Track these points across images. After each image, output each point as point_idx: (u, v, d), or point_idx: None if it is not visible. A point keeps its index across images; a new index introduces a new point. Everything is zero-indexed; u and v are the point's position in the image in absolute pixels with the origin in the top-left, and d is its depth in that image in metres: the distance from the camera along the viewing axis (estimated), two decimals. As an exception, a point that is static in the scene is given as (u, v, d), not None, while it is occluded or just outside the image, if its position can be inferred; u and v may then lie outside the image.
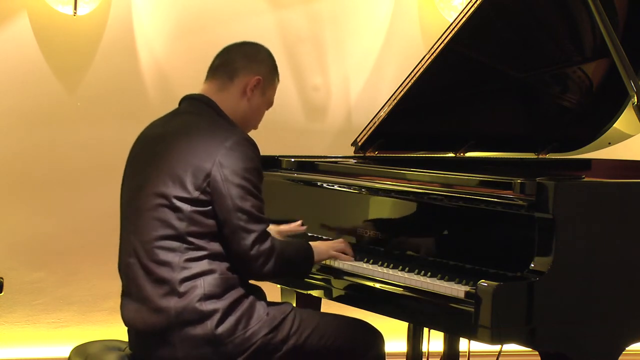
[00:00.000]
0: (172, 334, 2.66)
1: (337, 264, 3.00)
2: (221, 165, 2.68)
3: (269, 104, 2.98)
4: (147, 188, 2.74)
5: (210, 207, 2.69)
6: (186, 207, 2.68)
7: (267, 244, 2.70)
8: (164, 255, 2.68)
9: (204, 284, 2.66)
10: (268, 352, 2.71)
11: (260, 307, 2.74)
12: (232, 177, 2.68)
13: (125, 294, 2.81)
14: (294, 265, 2.86)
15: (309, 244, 2.93)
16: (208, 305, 2.65)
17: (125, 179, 2.89)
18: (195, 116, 2.85)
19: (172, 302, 2.66)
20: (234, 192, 2.67)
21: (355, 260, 3.00)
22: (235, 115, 2.87)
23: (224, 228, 2.69)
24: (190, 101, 2.90)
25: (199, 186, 2.68)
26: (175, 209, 2.68)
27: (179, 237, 2.68)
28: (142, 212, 2.73)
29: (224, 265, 2.70)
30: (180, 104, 2.94)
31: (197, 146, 2.73)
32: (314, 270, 3.02)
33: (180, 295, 2.65)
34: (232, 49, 2.97)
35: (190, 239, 2.68)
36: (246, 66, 2.90)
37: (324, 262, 3.01)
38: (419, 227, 2.97)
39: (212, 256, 2.69)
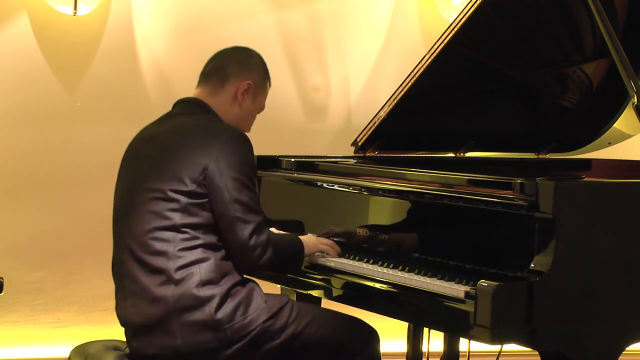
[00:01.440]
0: (171, 322, 2.67)
1: (333, 264, 2.99)
2: (218, 159, 2.73)
3: (261, 108, 3.04)
4: (141, 184, 2.78)
5: (206, 200, 2.72)
6: (182, 198, 2.71)
7: (264, 235, 2.74)
8: (159, 246, 2.70)
9: (200, 271, 2.68)
10: (267, 338, 2.73)
11: (258, 295, 2.77)
12: (229, 170, 2.72)
13: (119, 290, 2.82)
14: (287, 258, 2.90)
15: (299, 238, 2.97)
16: (206, 291, 2.67)
17: (119, 180, 2.92)
18: (189, 116, 2.90)
19: (169, 291, 2.67)
20: (230, 185, 2.71)
21: (355, 260, 3.01)
22: (227, 120, 2.92)
23: (220, 221, 2.72)
24: (184, 104, 2.95)
25: (196, 179, 2.72)
26: (170, 200, 2.72)
27: (173, 227, 2.71)
28: (136, 208, 2.76)
29: (218, 254, 2.73)
30: (173, 107, 2.98)
31: (193, 143, 2.77)
32: (313, 269, 3.03)
33: (177, 283, 2.68)
34: (224, 54, 3.03)
35: (185, 229, 2.71)
36: (238, 71, 2.95)
37: (322, 263, 3.02)
38: (418, 227, 2.97)
39: (206, 246, 2.72)
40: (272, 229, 3.04)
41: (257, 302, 2.74)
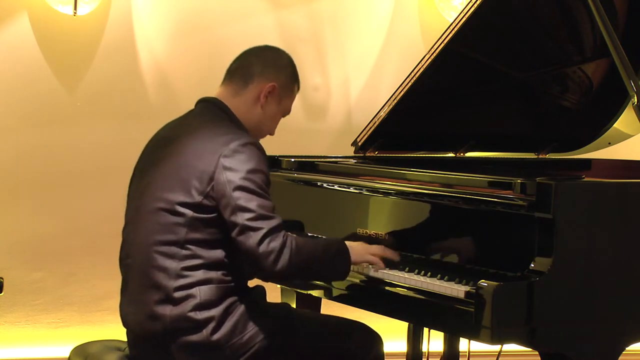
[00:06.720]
0: (169, 341, 2.65)
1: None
2: (224, 168, 2.64)
3: (286, 112, 2.94)
4: (151, 191, 2.73)
5: (214, 215, 2.65)
6: (188, 212, 2.65)
7: (277, 240, 2.61)
8: (161, 261, 2.66)
9: (200, 293, 2.64)
10: (267, 355, 2.69)
11: (257, 310, 2.72)
12: (235, 178, 2.63)
13: (123, 293, 2.80)
14: (320, 263, 2.74)
15: (344, 242, 2.82)
16: (203, 314, 2.63)
17: (133, 179, 2.87)
18: (204, 120, 2.80)
19: (167, 310, 2.64)
20: (237, 194, 2.62)
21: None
22: (248, 122, 2.83)
23: (233, 231, 2.63)
24: (204, 104, 2.86)
25: (203, 191, 2.64)
26: (177, 214, 2.66)
27: (178, 243, 2.65)
28: (144, 215, 2.72)
29: (220, 272, 2.67)
30: (196, 105, 2.90)
31: (202, 150, 2.69)
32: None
33: (175, 303, 2.64)
34: (252, 53, 2.91)
35: (190, 246, 2.65)
36: (262, 72, 2.84)
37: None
38: (418, 227, 2.97)
39: (209, 265, 2.66)
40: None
41: (256, 317, 2.70)
